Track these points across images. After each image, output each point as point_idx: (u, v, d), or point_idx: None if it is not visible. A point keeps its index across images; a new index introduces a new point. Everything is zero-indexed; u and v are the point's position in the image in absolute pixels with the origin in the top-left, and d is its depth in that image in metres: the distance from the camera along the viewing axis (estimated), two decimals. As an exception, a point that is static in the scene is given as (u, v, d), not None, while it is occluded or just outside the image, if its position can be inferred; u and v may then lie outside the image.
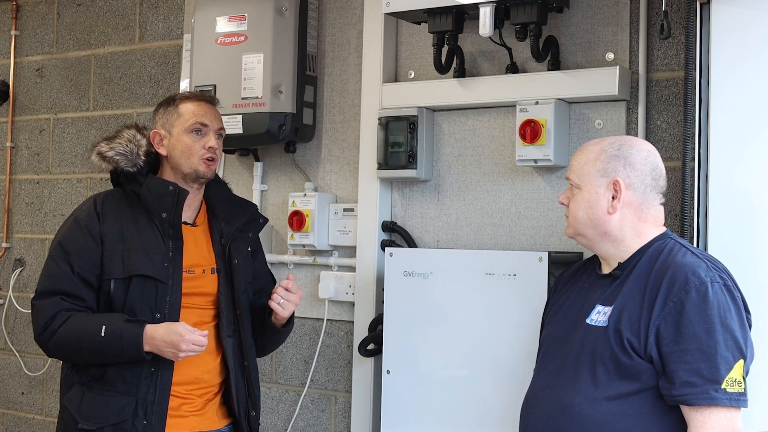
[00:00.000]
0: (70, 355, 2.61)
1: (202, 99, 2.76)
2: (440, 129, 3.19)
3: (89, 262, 2.59)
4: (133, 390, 2.56)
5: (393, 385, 3.03)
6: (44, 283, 2.61)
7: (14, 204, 4.40)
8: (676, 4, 2.76)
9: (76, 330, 2.54)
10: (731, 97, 2.49)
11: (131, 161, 2.68)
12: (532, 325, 2.71)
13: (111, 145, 2.69)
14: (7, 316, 4.39)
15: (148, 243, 2.61)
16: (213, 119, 2.71)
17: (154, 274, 2.58)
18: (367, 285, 3.23)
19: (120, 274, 2.58)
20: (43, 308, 2.58)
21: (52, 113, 4.27)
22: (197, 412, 2.66)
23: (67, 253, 2.60)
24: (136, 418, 2.55)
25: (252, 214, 2.82)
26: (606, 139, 2.29)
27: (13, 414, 4.37)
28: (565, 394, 2.18)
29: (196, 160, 2.66)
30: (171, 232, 2.64)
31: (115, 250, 2.60)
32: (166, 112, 2.72)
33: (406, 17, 3.06)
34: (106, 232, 2.61)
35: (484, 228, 3.09)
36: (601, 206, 2.22)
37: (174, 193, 2.64)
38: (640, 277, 2.16)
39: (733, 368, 2.02)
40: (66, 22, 4.24)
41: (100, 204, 2.67)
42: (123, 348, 2.51)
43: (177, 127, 2.68)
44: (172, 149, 2.68)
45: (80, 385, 2.61)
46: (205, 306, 2.69)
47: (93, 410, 2.57)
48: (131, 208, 2.66)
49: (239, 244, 2.75)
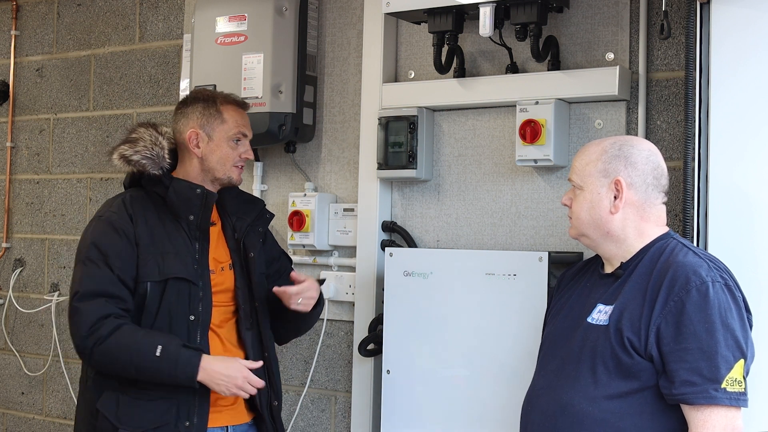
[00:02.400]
0: (113, 367, 2.54)
1: (242, 105, 2.76)
2: (440, 129, 3.19)
3: (127, 264, 2.56)
4: (173, 392, 2.54)
5: (393, 385, 3.03)
6: (85, 284, 2.54)
7: (14, 204, 4.40)
8: (676, 4, 2.76)
9: (128, 344, 2.49)
10: (731, 97, 2.49)
11: (157, 164, 2.65)
12: (532, 325, 2.71)
13: (135, 149, 2.64)
14: (7, 316, 4.39)
15: (178, 245, 2.61)
16: (250, 128, 2.75)
17: (187, 276, 2.59)
18: (367, 285, 3.23)
19: (156, 277, 2.57)
20: (87, 311, 2.51)
21: (52, 113, 4.27)
22: (229, 406, 2.68)
23: (105, 254, 2.55)
24: (179, 420, 2.54)
25: (261, 210, 2.85)
26: (607, 140, 2.29)
27: (13, 414, 4.36)
28: (565, 393, 2.18)
29: (231, 168, 2.69)
30: (197, 233, 2.65)
31: (149, 253, 2.58)
32: (206, 113, 2.69)
33: (406, 17, 3.06)
34: (140, 235, 2.59)
35: (484, 228, 3.09)
36: (603, 206, 2.23)
37: (202, 196, 2.64)
38: (642, 276, 2.17)
39: (734, 368, 2.02)
40: (66, 22, 4.24)
41: (129, 206, 2.63)
42: (176, 373, 2.48)
43: (219, 133, 2.67)
44: (209, 153, 2.67)
45: (114, 390, 2.58)
46: (226, 302, 2.70)
47: (133, 415, 2.54)
48: (156, 210, 2.65)
49: (252, 238, 2.77)
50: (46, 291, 4.25)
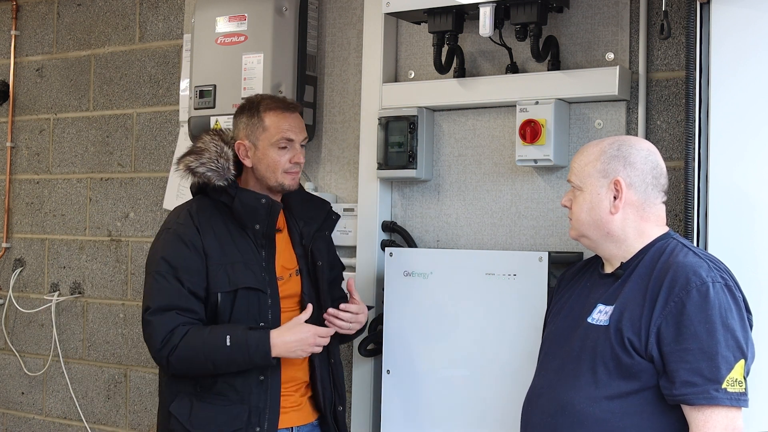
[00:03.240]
0: (192, 368, 2.58)
1: (286, 108, 2.73)
2: (440, 129, 3.19)
3: (197, 277, 2.59)
4: (245, 398, 2.59)
5: (393, 385, 3.03)
6: (156, 299, 2.58)
7: (14, 204, 4.40)
8: (676, 4, 2.76)
9: (197, 343, 2.54)
10: (731, 97, 2.49)
11: (222, 176, 2.65)
12: (532, 325, 2.71)
13: (201, 161, 2.64)
14: (7, 316, 4.39)
15: (246, 254, 2.64)
16: (298, 132, 2.72)
17: (256, 284, 2.62)
18: (367, 285, 3.23)
19: (226, 288, 2.60)
20: (160, 324, 2.56)
21: (52, 113, 4.27)
22: (295, 407, 2.72)
23: (174, 268, 2.58)
24: (249, 425, 2.58)
25: (327, 212, 2.86)
26: (605, 140, 2.29)
27: (13, 414, 4.36)
28: (565, 393, 2.18)
29: (281, 174, 2.68)
30: (264, 241, 2.67)
31: (219, 263, 2.60)
32: (250, 123, 2.69)
33: (406, 17, 3.06)
34: (208, 246, 2.61)
35: (484, 228, 3.09)
36: (603, 207, 2.23)
37: (267, 206, 2.65)
38: (642, 276, 2.17)
39: (734, 368, 2.02)
40: (66, 22, 4.24)
41: (196, 217, 2.65)
42: (250, 356, 2.53)
43: (263, 141, 2.67)
44: (258, 162, 2.68)
45: (188, 394, 2.62)
46: (292, 308, 2.73)
47: (205, 419, 2.59)
48: (223, 220, 2.66)
49: (320, 244, 2.79)
50: (46, 291, 4.25)
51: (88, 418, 4.10)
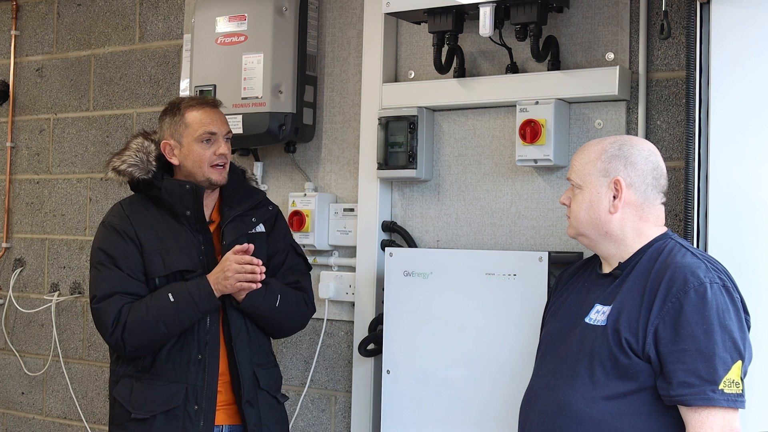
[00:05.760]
0: (147, 338, 2.64)
1: (206, 104, 2.80)
2: (440, 129, 3.19)
3: (135, 263, 2.69)
4: (182, 377, 2.66)
5: (393, 385, 3.03)
6: (100, 287, 2.69)
7: (14, 204, 4.40)
8: (676, 4, 2.76)
9: (143, 311, 2.63)
10: (731, 97, 2.49)
11: (144, 169, 2.75)
12: (532, 325, 2.71)
13: (122, 158, 2.76)
14: (7, 316, 4.39)
15: (181, 240, 2.72)
16: (220, 125, 2.78)
17: (192, 267, 2.69)
18: (367, 285, 3.23)
19: (162, 272, 2.69)
20: (106, 309, 2.66)
21: (52, 113, 4.27)
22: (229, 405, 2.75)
23: (112, 257, 2.70)
24: (187, 403, 2.64)
25: (259, 201, 2.87)
26: (606, 139, 2.29)
27: (13, 414, 4.36)
28: (563, 393, 2.18)
29: (208, 169, 2.74)
30: (198, 226, 2.74)
31: (153, 250, 2.70)
32: (173, 122, 2.77)
33: (406, 17, 3.06)
34: (142, 235, 2.71)
35: (484, 228, 3.09)
36: (602, 206, 2.22)
37: (191, 191, 2.71)
38: (640, 277, 2.16)
39: (731, 369, 2.02)
40: (66, 22, 4.24)
41: (128, 208, 2.77)
42: (196, 303, 2.61)
43: (187, 137, 2.75)
44: (184, 158, 2.76)
45: (128, 377, 2.71)
46: None
47: (144, 399, 2.66)
48: (158, 210, 2.76)
49: (236, 225, 2.79)
50: (46, 291, 4.25)
51: (88, 418, 4.10)
